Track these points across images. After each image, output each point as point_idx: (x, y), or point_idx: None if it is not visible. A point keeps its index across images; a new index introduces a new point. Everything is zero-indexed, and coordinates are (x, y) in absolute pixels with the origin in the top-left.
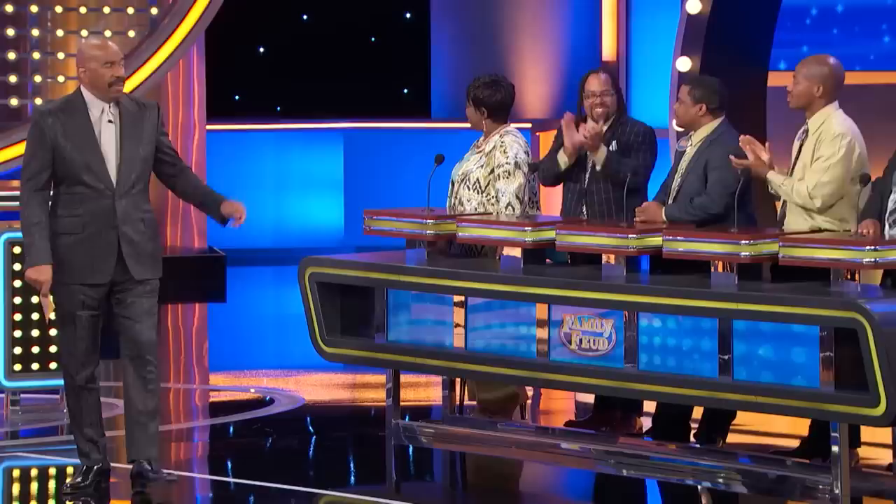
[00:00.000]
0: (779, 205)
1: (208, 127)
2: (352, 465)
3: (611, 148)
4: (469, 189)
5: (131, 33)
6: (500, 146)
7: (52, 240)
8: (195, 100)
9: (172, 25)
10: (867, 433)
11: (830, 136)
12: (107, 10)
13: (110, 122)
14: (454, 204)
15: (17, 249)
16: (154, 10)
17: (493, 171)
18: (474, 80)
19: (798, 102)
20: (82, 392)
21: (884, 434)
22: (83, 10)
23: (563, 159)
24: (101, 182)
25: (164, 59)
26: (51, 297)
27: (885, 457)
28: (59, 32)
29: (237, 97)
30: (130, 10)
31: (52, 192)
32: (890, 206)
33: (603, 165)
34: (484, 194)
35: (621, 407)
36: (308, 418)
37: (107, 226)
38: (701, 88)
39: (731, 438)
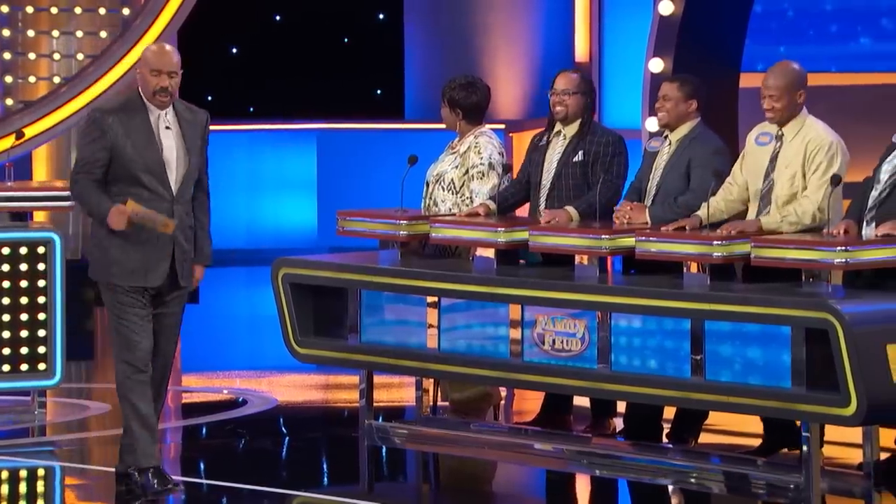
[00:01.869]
0: None
1: None
2: (325, 465)
3: (576, 159)
4: (444, 190)
5: (103, 34)
6: (475, 147)
7: (107, 241)
8: None
9: (144, 26)
10: (839, 432)
11: (821, 145)
12: (78, 10)
13: (168, 128)
14: (429, 204)
15: None
16: (126, 11)
17: (467, 171)
18: (450, 82)
19: (783, 117)
20: (145, 390)
21: (854, 433)
22: (54, 10)
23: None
24: (161, 186)
25: (136, 60)
26: (137, 209)
27: (855, 456)
28: (31, 33)
29: (209, 98)
30: (102, 11)
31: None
32: (869, 203)
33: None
34: (458, 195)
35: (567, 411)
36: (281, 419)
37: (161, 232)
38: (689, 85)
39: (703, 438)
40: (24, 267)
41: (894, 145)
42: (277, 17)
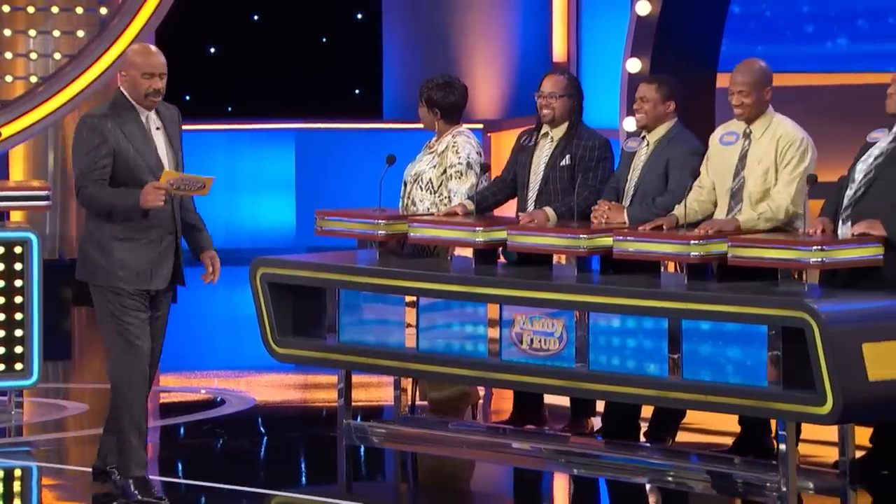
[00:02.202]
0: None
1: None
2: (303, 465)
3: (563, 163)
4: (422, 189)
5: (80, 33)
6: (453, 147)
7: (109, 243)
8: None
9: (122, 25)
10: (815, 431)
11: (790, 141)
12: (55, 9)
13: (158, 128)
14: (407, 204)
15: None
16: (103, 10)
17: (445, 171)
18: (427, 81)
19: (751, 114)
20: (144, 392)
21: (830, 432)
22: (31, 9)
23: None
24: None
25: (113, 60)
26: (173, 176)
27: (831, 455)
28: (7, 32)
29: (187, 97)
30: (79, 10)
31: None
32: (845, 201)
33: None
34: (436, 195)
35: (538, 409)
36: (259, 419)
37: (166, 231)
38: (667, 86)
39: (681, 437)
40: (0, 267)
41: (868, 144)
42: (255, 17)
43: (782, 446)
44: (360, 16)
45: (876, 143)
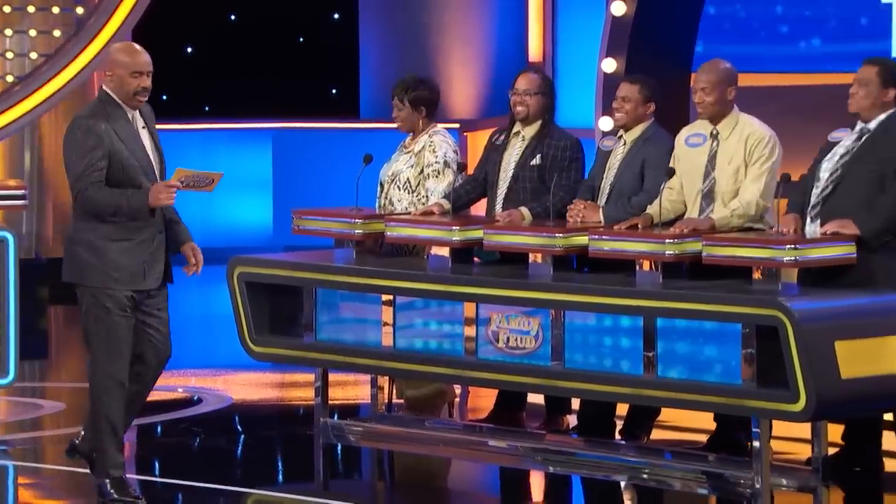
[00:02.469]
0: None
1: None
2: (280, 463)
3: (534, 163)
4: (399, 189)
5: (56, 33)
6: (430, 146)
7: (103, 244)
8: None
9: (98, 25)
10: (789, 428)
11: (759, 139)
12: (31, 9)
13: (144, 127)
14: (384, 204)
15: None
16: (80, 10)
17: (422, 170)
18: (407, 81)
19: (712, 112)
20: (122, 395)
21: (803, 429)
22: (7, 8)
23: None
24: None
25: (90, 59)
26: (185, 173)
27: (804, 452)
28: None
29: (164, 97)
30: (55, 10)
31: None
32: (812, 199)
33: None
34: (414, 194)
35: (520, 408)
36: (236, 417)
37: (156, 230)
38: (649, 88)
39: (655, 434)
40: None
41: (831, 144)
42: (232, 17)
43: (756, 443)
44: (336, 16)
45: (839, 141)
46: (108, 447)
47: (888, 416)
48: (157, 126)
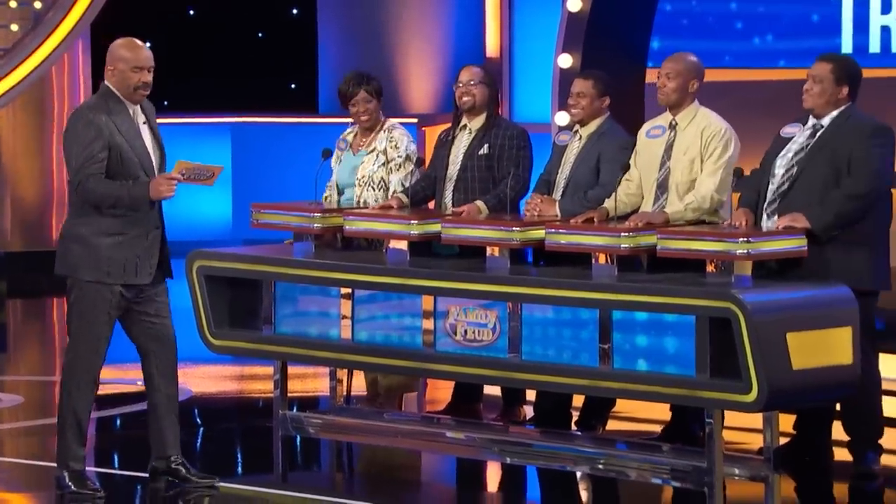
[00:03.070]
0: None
1: None
2: (240, 455)
3: (481, 152)
4: (375, 189)
5: (14, 27)
6: (391, 141)
7: (96, 238)
8: (80, 94)
9: (56, 19)
10: (742, 418)
11: (715, 132)
12: None
13: (144, 122)
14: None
15: None
16: (38, 4)
17: (385, 164)
18: (363, 75)
19: (671, 99)
20: (92, 390)
21: (755, 419)
22: None
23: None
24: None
25: (48, 54)
26: (187, 166)
27: (756, 441)
28: None
29: None
30: (13, 4)
31: None
32: (769, 196)
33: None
34: (388, 191)
35: (477, 400)
36: (196, 410)
37: (152, 226)
38: (603, 82)
39: (611, 425)
40: None
41: (783, 139)
42: (191, 12)
43: (709, 433)
44: (295, 11)
45: (791, 137)
46: (71, 440)
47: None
48: None
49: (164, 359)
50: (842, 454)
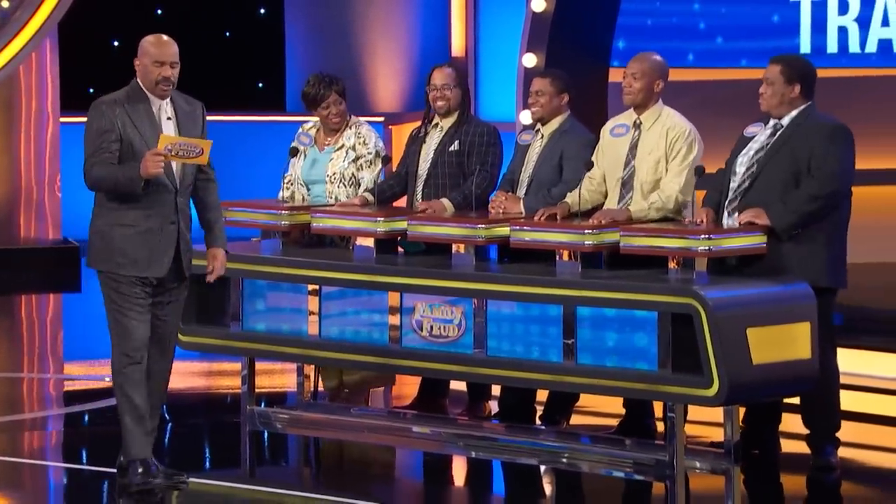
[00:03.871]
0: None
1: (62, 119)
2: (207, 450)
3: (452, 148)
4: (346, 186)
5: None
6: (359, 138)
7: (110, 230)
8: (48, 92)
9: (24, 18)
10: (702, 412)
11: (679, 133)
12: None
13: (169, 118)
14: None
15: None
16: (5, 4)
17: (355, 160)
18: (330, 78)
19: (637, 98)
20: (140, 378)
21: (715, 413)
22: None
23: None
24: (167, 176)
25: (16, 52)
26: (171, 140)
27: (716, 435)
28: None
29: (91, 90)
30: None
31: None
32: (730, 195)
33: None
34: (356, 187)
35: (443, 395)
36: (164, 406)
37: (166, 221)
38: (561, 80)
39: (574, 420)
40: None
41: (746, 138)
42: (159, 11)
43: (671, 427)
44: (262, 10)
45: (754, 136)
46: (131, 429)
47: (795, 400)
48: (84, 119)
49: (157, 367)
50: (800, 447)
